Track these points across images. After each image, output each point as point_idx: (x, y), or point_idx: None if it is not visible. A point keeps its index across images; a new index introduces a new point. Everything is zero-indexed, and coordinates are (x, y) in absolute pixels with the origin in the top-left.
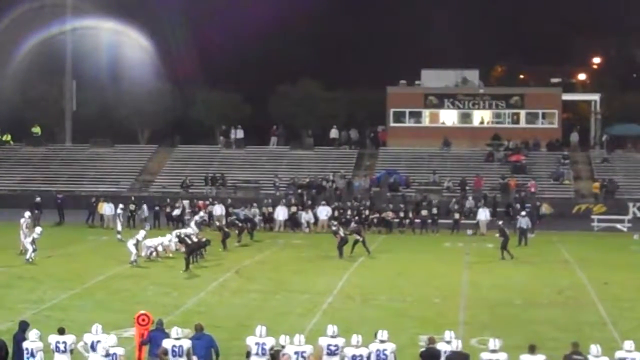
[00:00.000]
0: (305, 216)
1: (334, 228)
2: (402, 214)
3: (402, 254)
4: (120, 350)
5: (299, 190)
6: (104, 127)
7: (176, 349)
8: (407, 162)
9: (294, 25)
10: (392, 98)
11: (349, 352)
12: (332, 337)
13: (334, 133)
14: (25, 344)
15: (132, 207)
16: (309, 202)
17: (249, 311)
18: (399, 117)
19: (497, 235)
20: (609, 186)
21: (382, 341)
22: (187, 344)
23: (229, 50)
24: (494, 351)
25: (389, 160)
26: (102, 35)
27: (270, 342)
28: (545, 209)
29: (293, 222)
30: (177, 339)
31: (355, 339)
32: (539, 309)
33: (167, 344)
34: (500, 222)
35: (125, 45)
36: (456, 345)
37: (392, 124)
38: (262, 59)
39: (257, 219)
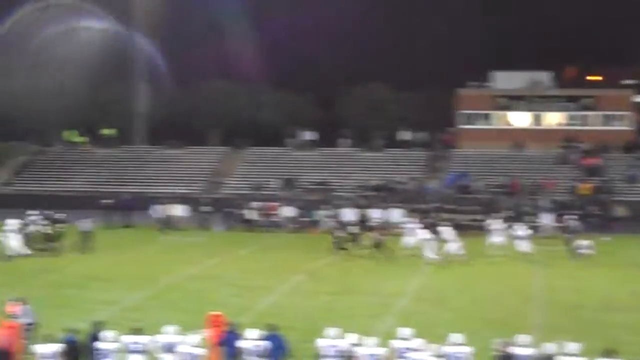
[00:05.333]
0: (376, 218)
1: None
2: (473, 217)
3: (475, 257)
4: (200, 351)
5: (370, 192)
6: (175, 129)
7: (254, 349)
8: (477, 164)
9: (363, 28)
10: (461, 100)
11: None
12: (405, 339)
13: (403, 135)
14: (99, 345)
15: (204, 208)
16: (380, 205)
17: (320, 313)
18: (468, 119)
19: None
20: None
21: (456, 344)
22: (264, 344)
23: (299, 52)
24: (570, 355)
25: (460, 162)
26: (172, 38)
27: (341, 343)
28: (620, 211)
29: (363, 224)
30: (254, 339)
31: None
32: (615, 312)
33: (246, 344)
34: (566, 223)
35: (194, 49)
36: (531, 349)
37: (461, 126)
38: (333, 61)
39: (328, 220)
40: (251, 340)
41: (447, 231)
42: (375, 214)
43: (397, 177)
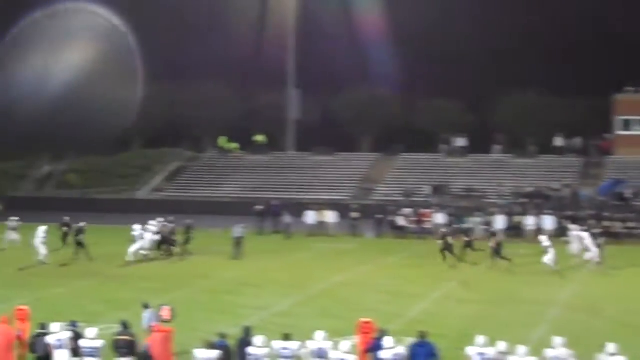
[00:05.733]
0: (530, 225)
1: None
2: (631, 225)
3: (631, 266)
4: (351, 358)
5: (523, 199)
6: (326, 136)
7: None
8: (634, 171)
9: (517, 34)
10: (619, 105)
11: None
12: (554, 348)
13: (558, 141)
14: (250, 350)
15: (354, 215)
16: (533, 212)
17: (472, 321)
18: (625, 125)
19: None
20: None
21: (611, 354)
22: (402, 350)
23: (451, 58)
24: None
25: (616, 169)
26: (324, 44)
27: (490, 352)
28: None
29: (516, 232)
30: (392, 347)
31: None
32: None
33: (384, 354)
34: None
35: (345, 54)
36: None
37: (618, 132)
38: (486, 67)
39: (480, 228)
40: (390, 349)
41: (586, 237)
42: (529, 221)
43: (550, 184)
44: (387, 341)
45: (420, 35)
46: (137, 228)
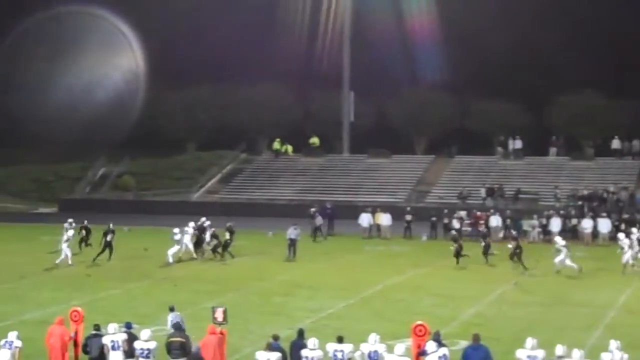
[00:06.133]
0: (586, 228)
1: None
2: None
3: None
4: None
5: (579, 202)
6: (381, 138)
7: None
8: None
9: (574, 35)
10: None
11: None
12: (614, 351)
13: (616, 144)
14: (304, 352)
15: (408, 217)
16: (590, 214)
17: (527, 324)
18: None
19: None
20: None
21: None
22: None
23: (507, 59)
24: None
25: None
26: (378, 45)
27: (540, 354)
28: None
29: (572, 234)
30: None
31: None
32: None
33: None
34: None
35: (400, 56)
36: None
37: None
38: (543, 69)
39: (536, 230)
40: (434, 353)
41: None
42: (585, 224)
43: (607, 186)
44: (430, 345)
45: (476, 36)
46: (176, 231)
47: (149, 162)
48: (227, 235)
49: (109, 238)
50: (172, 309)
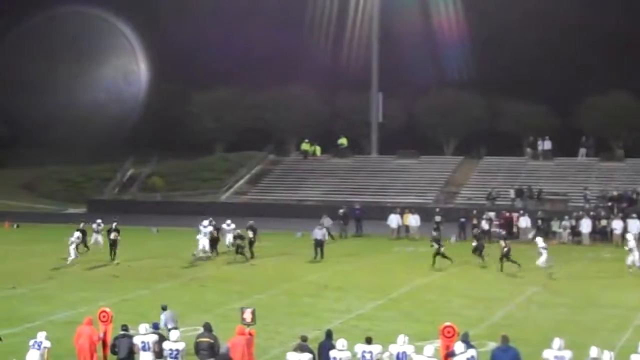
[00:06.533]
0: (616, 229)
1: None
2: None
3: None
4: None
5: (609, 203)
6: (409, 139)
7: None
8: None
9: (604, 35)
10: None
11: None
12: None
13: None
14: (332, 353)
15: (437, 218)
16: (620, 215)
17: (556, 325)
18: None
19: None
20: None
21: None
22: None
23: (538, 60)
24: None
25: None
26: (406, 45)
27: (568, 355)
28: None
29: (602, 236)
30: (462, 353)
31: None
32: None
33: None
34: None
35: (428, 57)
36: None
37: None
38: (573, 69)
39: (567, 232)
40: (462, 354)
41: None
42: (615, 225)
43: (637, 187)
44: (459, 346)
45: (504, 36)
46: (205, 224)
47: (177, 163)
48: (250, 234)
49: (112, 236)
50: (164, 308)
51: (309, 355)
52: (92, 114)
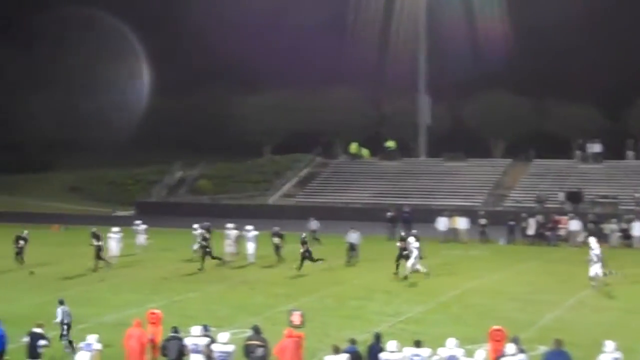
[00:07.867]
0: None
1: None
2: None
3: None
4: None
5: None
6: (457, 141)
7: None
8: None
9: None
10: None
11: None
12: None
13: None
14: (381, 355)
15: (482, 221)
16: None
17: (608, 329)
18: None
19: None
20: None
21: None
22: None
23: (587, 61)
24: None
25: None
26: (453, 47)
27: (621, 356)
28: None
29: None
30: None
31: None
32: None
33: None
34: None
35: (475, 60)
36: None
37: None
38: (621, 70)
39: (617, 235)
40: (511, 356)
41: None
42: None
43: None
44: (510, 348)
45: (552, 37)
46: (250, 228)
47: (225, 166)
48: (277, 240)
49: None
50: (61, 302)
51: (346, 357)
52: (143, 116)
